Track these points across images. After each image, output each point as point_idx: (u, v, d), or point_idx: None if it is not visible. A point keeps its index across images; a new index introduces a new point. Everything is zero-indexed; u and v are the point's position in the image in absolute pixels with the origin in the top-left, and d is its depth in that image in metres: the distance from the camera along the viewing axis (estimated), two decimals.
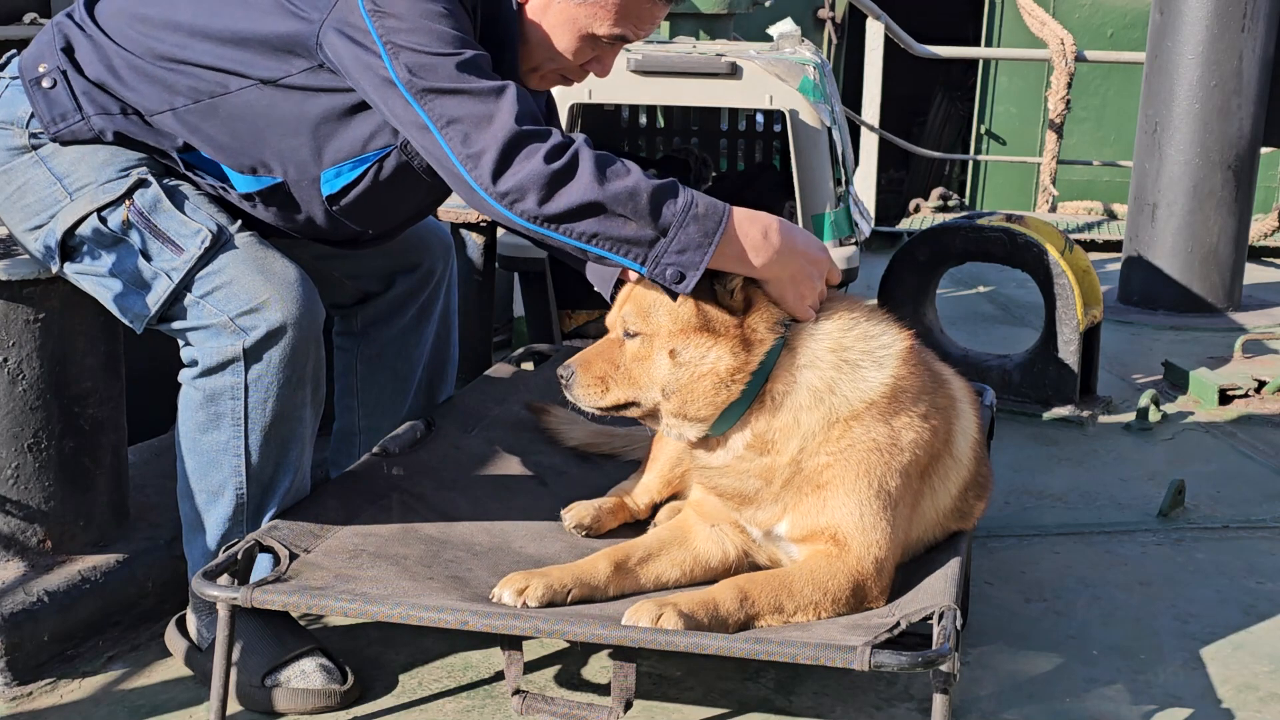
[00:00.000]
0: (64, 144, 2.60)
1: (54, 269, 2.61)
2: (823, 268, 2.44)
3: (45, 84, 2.58)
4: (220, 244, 2.53)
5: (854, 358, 2.40)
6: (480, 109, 2.33)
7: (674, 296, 2.37)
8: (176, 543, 2.78)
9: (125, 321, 2.59)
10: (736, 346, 2.36)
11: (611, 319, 2.49)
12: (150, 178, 2.57)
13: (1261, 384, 4.58)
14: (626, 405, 2.43)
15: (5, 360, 2.67)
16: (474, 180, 2.33)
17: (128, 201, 2.54)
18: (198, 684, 2.60)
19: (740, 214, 2.37)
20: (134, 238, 2.54)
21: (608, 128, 4.92)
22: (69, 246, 2.58)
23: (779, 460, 2.39)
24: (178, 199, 2.56)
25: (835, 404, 2.38)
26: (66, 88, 2.58)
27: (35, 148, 2.60)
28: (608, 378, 2.42)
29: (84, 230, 2.56)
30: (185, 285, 2.51)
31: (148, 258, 2.53)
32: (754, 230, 2.36)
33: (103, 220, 2.54)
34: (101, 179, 2.57)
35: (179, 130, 2.58)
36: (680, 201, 2.32)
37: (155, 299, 2.52)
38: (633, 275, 2.44)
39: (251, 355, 2.49)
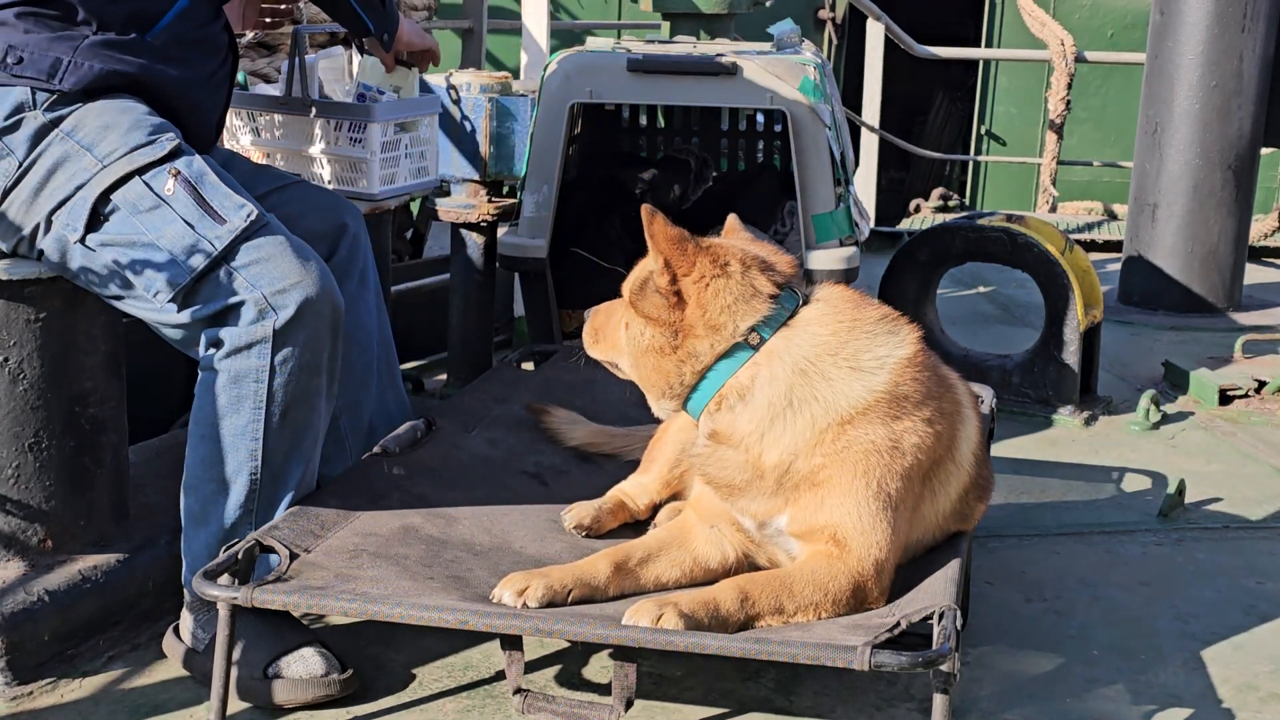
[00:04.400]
0: (84, 102, 2.58)
1: (73, 238, 2.56)
2: None
3: (10, 60, 2.56)
4: (261, 223, 2.55)
5: (828, 372, 2.37)
6: None
7: None
8: (177, 542, 2.77)
9: (151, 293, 2.54)
10: (667, 333, 2.42)
11: None
12: (184, 145, 2.59)
13: (1261, 384, 4.58)
14: (613, 364, 2.58)
15: (6, 360, 2.67)
16: None
17: (172, 169, 2.55)
18: (198, 683, 2.60)
19: None
20: (178, 204, 2.53)
21: (608, 128, 4.91)
22: (99, 214, 2.55)
23: (757, 460, 2.38)
24: (218, 173, 2.59)
25: (816, 412, 2.36)
26: (27, 50, 2.57)
27: (57, 124, 2.58)
28: (599, 330, 2.59)
29: (122, 194, 2.54)
30: (225, 256, 2.51)
31: (190, 225, 2.52)
32: None
33: (146, 184, 2.54)
34: (131, 144, 2.57)
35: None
36: None
37: (193, 266, 2.51)
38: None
39: (280, 336, 2.51)
